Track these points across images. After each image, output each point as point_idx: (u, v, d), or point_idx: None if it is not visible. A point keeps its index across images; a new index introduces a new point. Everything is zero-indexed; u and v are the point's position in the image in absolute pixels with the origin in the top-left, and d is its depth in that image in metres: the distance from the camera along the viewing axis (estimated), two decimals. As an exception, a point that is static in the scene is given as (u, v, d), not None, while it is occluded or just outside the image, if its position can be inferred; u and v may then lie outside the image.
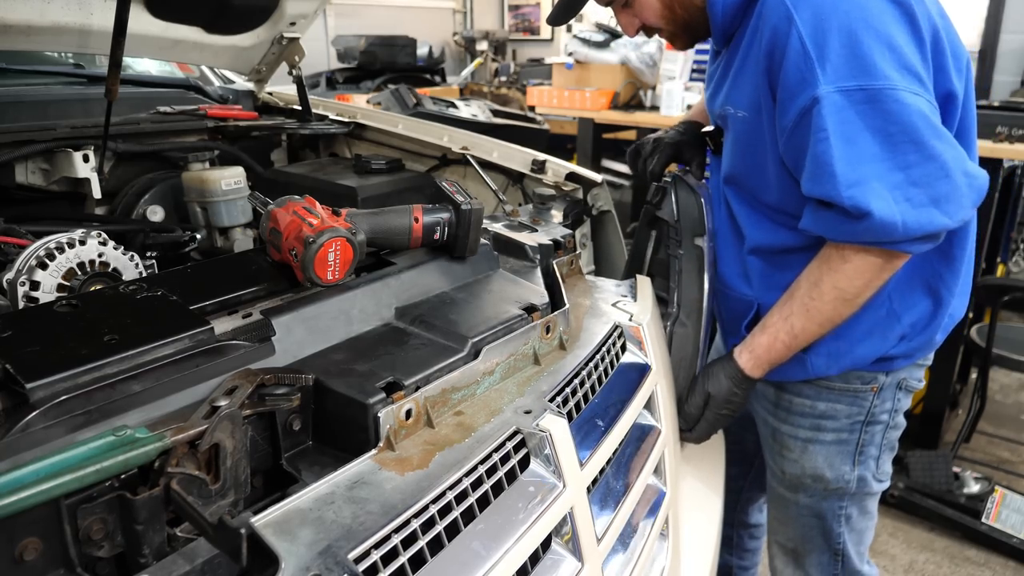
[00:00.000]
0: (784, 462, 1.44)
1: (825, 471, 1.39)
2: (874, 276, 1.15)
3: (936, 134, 1.06)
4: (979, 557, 2.56)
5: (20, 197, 1.48)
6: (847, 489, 1.40)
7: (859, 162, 1.06)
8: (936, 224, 1.06)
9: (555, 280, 1.16)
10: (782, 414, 1.42)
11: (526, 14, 8.05)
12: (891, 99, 1.05)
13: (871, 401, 1.35)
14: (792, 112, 1.11)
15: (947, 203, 1.06)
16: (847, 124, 1.06)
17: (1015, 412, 3.56)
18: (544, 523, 0.77)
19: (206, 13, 1.71)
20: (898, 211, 1.05)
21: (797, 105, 1.10)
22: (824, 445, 1.38)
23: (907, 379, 1.36)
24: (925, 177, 1.05)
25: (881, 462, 1.41)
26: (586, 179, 1.50)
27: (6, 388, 0.67)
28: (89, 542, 0.62)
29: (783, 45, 1.10)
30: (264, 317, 0.85)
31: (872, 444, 1.38)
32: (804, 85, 1.08)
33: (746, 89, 1.21)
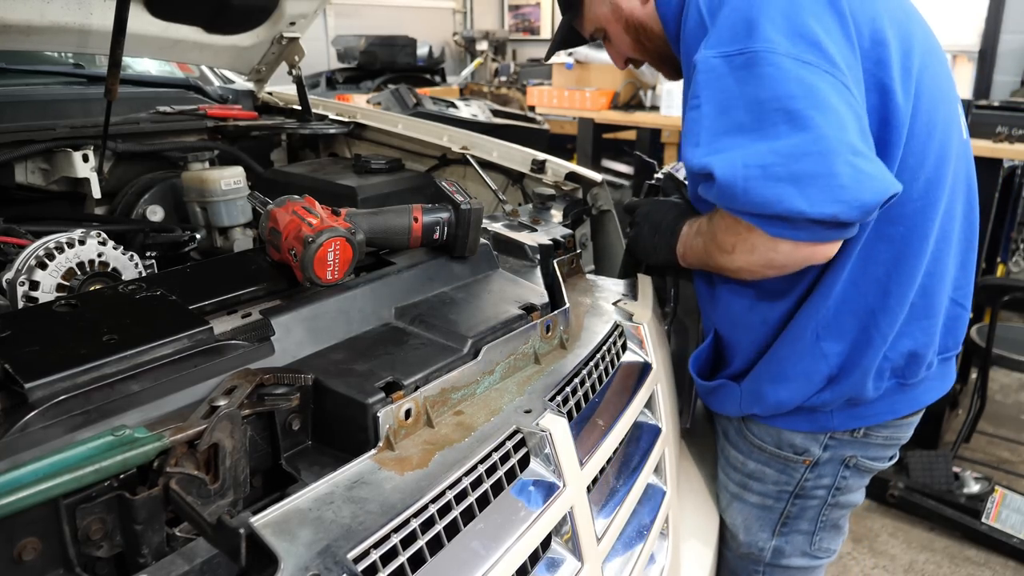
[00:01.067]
0: (718, 507, 1.39)
1: (740, 532, 1.32)
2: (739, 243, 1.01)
3: (820, 107, 0.90)
4: (979, 557, 2.56)
5: (20, 197, 1.48)
6: (760, 557, 1.32)
7: (726, 133, 0.95)
8: (787, 205, 0.89)
9: (555, 279, 1.16)
10: (722, 461, 1.35)
11: (526, 14, 8.05)
12: (767, 63, 0.94)
13: (802, 474, 1.23)
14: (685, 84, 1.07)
15: (811, 186, 0.88)
16: (723, 92, 0.97)
17: (1015, 412, 3.55)
18: (544, 523, 0.77)
19: (206, 13, 1.71)
20: (742, 176, 0.91)
21: (687, 72, 1.05)
22: (746, 505, 1.30)
23: (857, 458, 1.22)
24: (791, 150, 0.90)
25: (817, 539, 1.30)
26: (586, 179, 1.50)
27: (5, 388, 0.67)
28: (88, 542, 0.62)
29: (686, 20, 1.05)
30: (263, 317, 0.85)
31: (802, 519, 1.28)
32: (689, 53, 1.03)
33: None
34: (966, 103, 2.77)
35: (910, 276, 1.09)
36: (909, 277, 1.09)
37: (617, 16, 1.23)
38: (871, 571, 2.54)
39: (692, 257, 1.16)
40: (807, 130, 0.89)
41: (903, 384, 1.17)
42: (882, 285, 1.09)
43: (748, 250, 1.01)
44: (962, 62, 4.74)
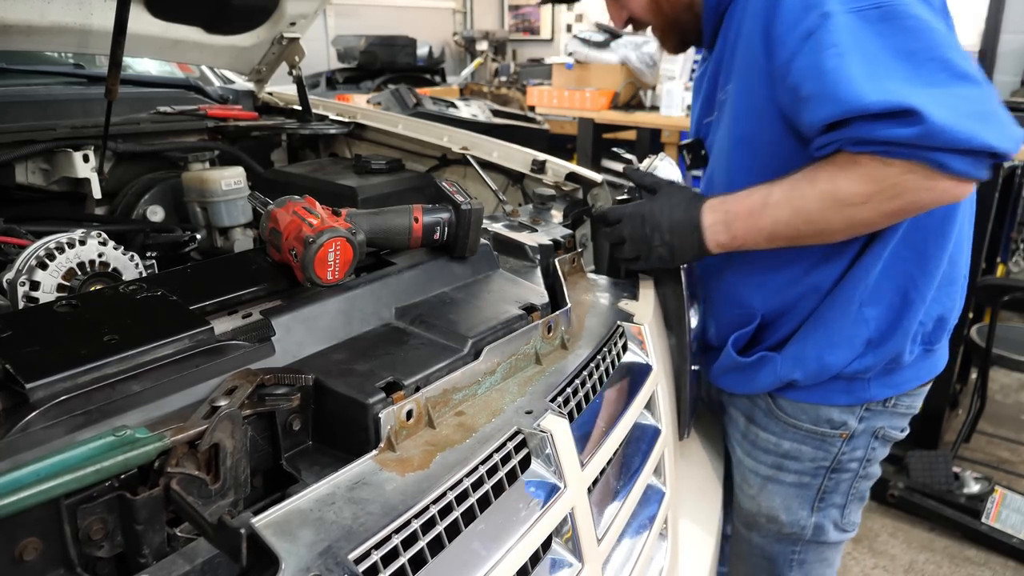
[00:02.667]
0: (742, 497, 1.39)
1: (780, 513, 1.33)
2: (885, 191, 0.97)
3: (962, 55, 0.94)
4: (979, 557, 2.56)
5: (20, 197, 1.48)
6: (801, 535, 1.33)
7: (882, 77, 0.93)
8: (981, 140, 0.89)
9: (556, 279, 1.16)
10: (747, 447, 1.35)
11: (526, 14, 8.05)
12: (909, 15, 0.95)
13: (839, 448, 1.25)
14: (792, 42, 1.00)
15: (991, 123, 0.90)
16: (865, 44, 0.94)
17: (1015, 412, 3.56)
18: (544, 523, 0.77)
19: (206, 13, 1.71)
20: (945, 112, 0.89)
21: (799, 30, 0.99)
22: (782, 486, 1.31)
23: (885, 428, 1.26)
24: (964, 94, 0.92)
25: (847, 512, 1.33)
26: (586, 179, 1.50)
27: (6, 388, 0.67)
28: (89, 542, 0.62)
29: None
30: (264, 317, 0.85)
31: (836, 492, 1.30)
32: (807, 9, 0.98)
33: (741, 58, 1.13)
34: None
35: (946, 242, 1.13)
36: (945, 242, 1.13)
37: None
38: (871, 571, 2.54)
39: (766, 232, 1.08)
40: (965, 77, 0.92)
41: (928, 350, 1.23)
42: (921, 251, 1.13)
43: (891, 195, 0.97)
44: (962, 62, 4.75)
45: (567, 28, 7.69)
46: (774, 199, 1.07)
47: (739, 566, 1.47)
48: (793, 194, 1.05)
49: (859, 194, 0.99)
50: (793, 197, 1.05)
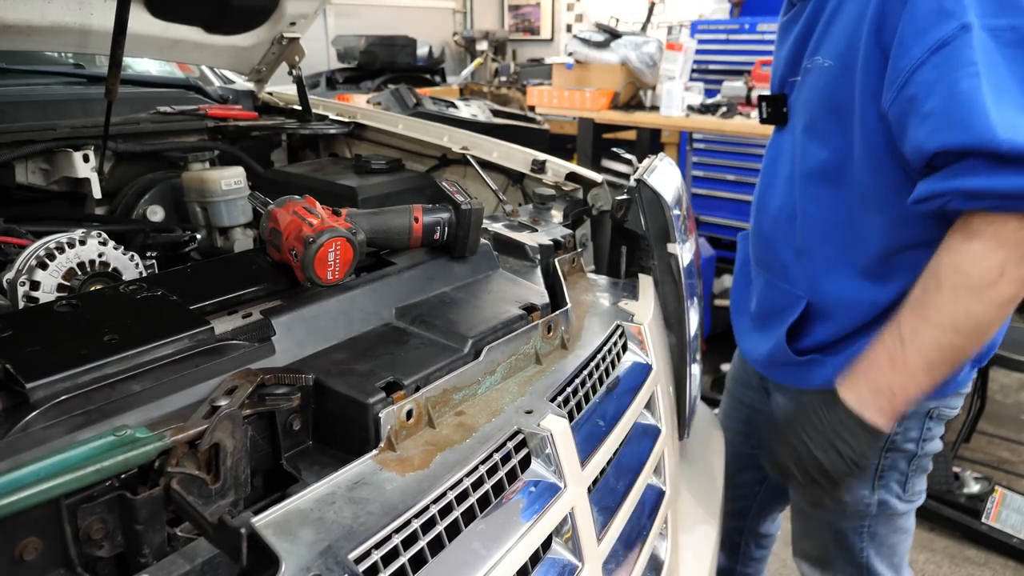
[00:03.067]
0: None
1: (844, 495, 1.27)
2: (1013, 254, 0.90)
3: None
4: (979, 557, 2.56)
5: (20, 197, 1.48)
6: (867, 512, 1.32)
7: (1012, 110, 0.86)
8: None
9: (557, 279, 1.16)
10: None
11: (526, 14, 8.05)
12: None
13: (890, 431, 1.17)
14: (919, 48, 0.91)
15: None
16: (994, 67, 0.88)
17: (1015, 412, 3.55)
18: (545, 523, 0.77)
19: (206, 13, 1.71)
20: None
21: (931, 38, 0.91)
22: None
23: (938, 408, 1.24)
24: None
25: (910, 484, 1.31)
26: (586, 179, 1.50)
27: (6, 388, 0.67)
28: (89, 542, 0.62)
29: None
30: (264, 317, 0.85)
31: (895, 470, 1.28)
32: (943, 16, 0.90)
33: (840, 33, 1.06)
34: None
35: None
36: None
37: None
38: (871, 571, 2.54)
39: (922, 368, 1.00)
40: None
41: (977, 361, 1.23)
42: None
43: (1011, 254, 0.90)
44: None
45: (567, 28, 7.70)
46: (908, 331, 1.00)
47: (810, 540, 1.45)
48: (927, 312, 0.98)
49: (990, 269, 0.91)
50: (928, 315, 0.97)
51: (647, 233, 1.32)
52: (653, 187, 1.30)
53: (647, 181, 1.31)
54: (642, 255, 1.34)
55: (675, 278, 1.31)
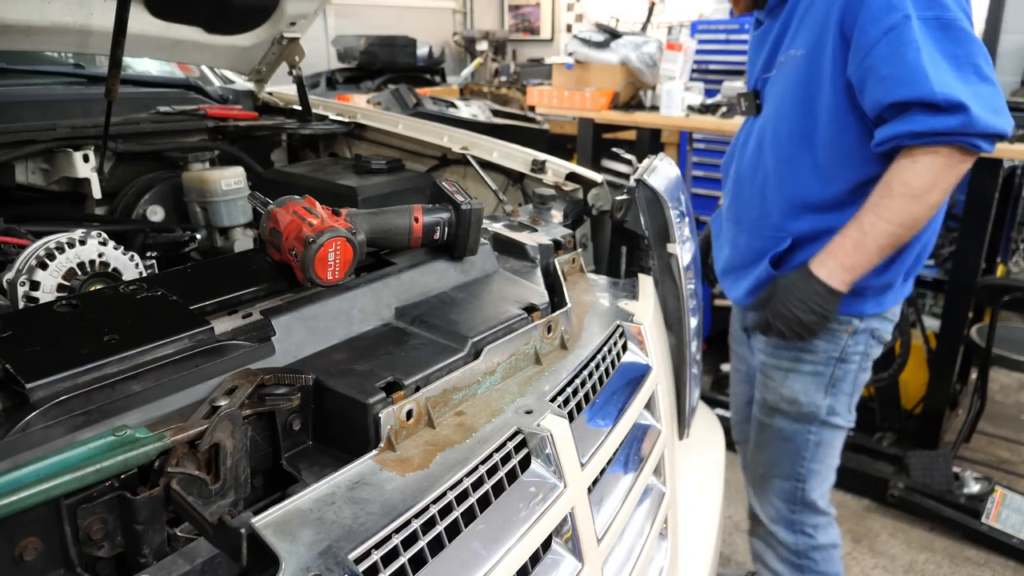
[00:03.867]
0: (766, 390, 1.69)
1: (799, 396, 1.64)
2: (941, 173, 1.33)
3: (988, 62, 1.31)
4: (979, 557, 2.56)
5: (20, 197, 1.48)
6: (817, 414, 1.63)
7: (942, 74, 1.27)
8: (1002, 126, 1.28)
9: (557, 279, 1.15)
10: (770, 348, 1.66)
11: (526, 14, 8.05)
12: (957, 28, 1.29)
13: (845, 341, 1.58)
14: (875, 31, 1.31)
15: (1004, 116, 1.29)
16: (929, 46, 1.28)
17: (1015, 412, 3.56)
18: (545, 523, 0.77)
19: (206, 13, 1.71)
20: (984, 107, 1.27)
21: (883, 24, 1.31)
22: (801, 375, 1.63)
23: (879, 330, 1.60)
24: (986, 94, 1.29)
25: (851, 402, 1.65)
26: (586, 179, 1.50)
27: (6, 388, 0.67)
28: (89, 542, 0.62)
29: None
30: (264, 317, 0.85)
31: (845, 381, 1.62)
32: (891, 10, 1.30)
33: (810, 30, 1.43)
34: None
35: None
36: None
37: None
38: (871, 571, 2.54)
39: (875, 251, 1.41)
40: (988, 79, 1.30)
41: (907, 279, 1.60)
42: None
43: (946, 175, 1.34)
44: (962, 62, 4.74)
45: (567, 28, 7.69)
46: (868, 225, 1.40)
47: (759, 453, 1.76)
48: (881, 212, 1.38)
49: (927, 182, 1.34)
50: (882, 214, 1.38)
51: (647, 233, 1.32)
52: (653, 187, 1.30)
53: (647, 181, 1.31)
54: (642, 255, 1.34)
55: (675, 278, 1.31)
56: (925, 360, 3.15)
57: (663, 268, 1.33)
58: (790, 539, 1.75)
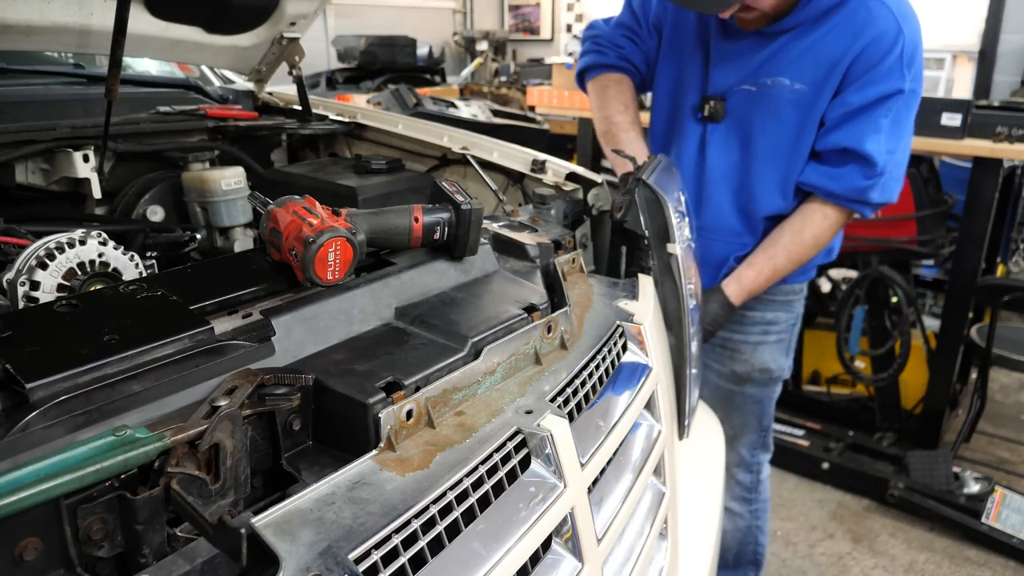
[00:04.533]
0: (736, 364, 1.87)
1: (770, 363, 1.86)
2: (837, 229, 1.68)
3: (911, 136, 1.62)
4: (979, 557, 2.56)
5: (20, 197, 1.48)
6: (780, 375, 1.89)
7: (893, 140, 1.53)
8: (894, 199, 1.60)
9: (557, 279, 1.15)
10: (734, 326, 1.84)
11: (526, 14, 8.05)
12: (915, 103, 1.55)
13: (797, 307, 1.86)
14: (872, 93, 1.51)
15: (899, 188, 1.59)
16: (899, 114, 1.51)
17: (1015, 412, 3.56)
18: (545, 523, 0.77)
19: (206, 13, 1.71)
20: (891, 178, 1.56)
21: (880, 89, 1.50)
22: (769, 345, 1.85)
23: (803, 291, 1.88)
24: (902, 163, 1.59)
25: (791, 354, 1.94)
26: (586, 179, 1.50)
27: (6, 388, 0.67)
28: (89, 542, 0.62)
29: (887, 47, 1.49)
30: (264, 317, 0.85)
31: (793, 339, 1.90)
32: (892, 78, 1.49)
33: (815, 68, 1.55)
34: (966, 103, 2.78)
35: None
36: None
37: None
38: (871, 571, 2.54)
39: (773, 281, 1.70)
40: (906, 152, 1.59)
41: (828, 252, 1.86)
42: None
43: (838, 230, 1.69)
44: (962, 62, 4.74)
45: (567, 28, 7.69)
46: (780, 264, 1.68)
47: (731, 418, 1.91)
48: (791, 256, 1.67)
49: (829, 237, 1.69)
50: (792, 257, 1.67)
51: (647, 233, 1.32)
52: (652, 187, 1.30)
53: (646, 181, 1.31)
54: (641, 255, 1.34)
55: (675, 278, 1.31)
56: (925, 360, 3.15)
57: (663, 268, 1.33)
58: (747, 478, 2.02)
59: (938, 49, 4.75)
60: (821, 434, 3.17)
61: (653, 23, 1.82)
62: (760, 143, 1.65)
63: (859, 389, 3.44)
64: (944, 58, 4.73)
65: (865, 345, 3.26)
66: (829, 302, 3.48)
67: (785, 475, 3.08)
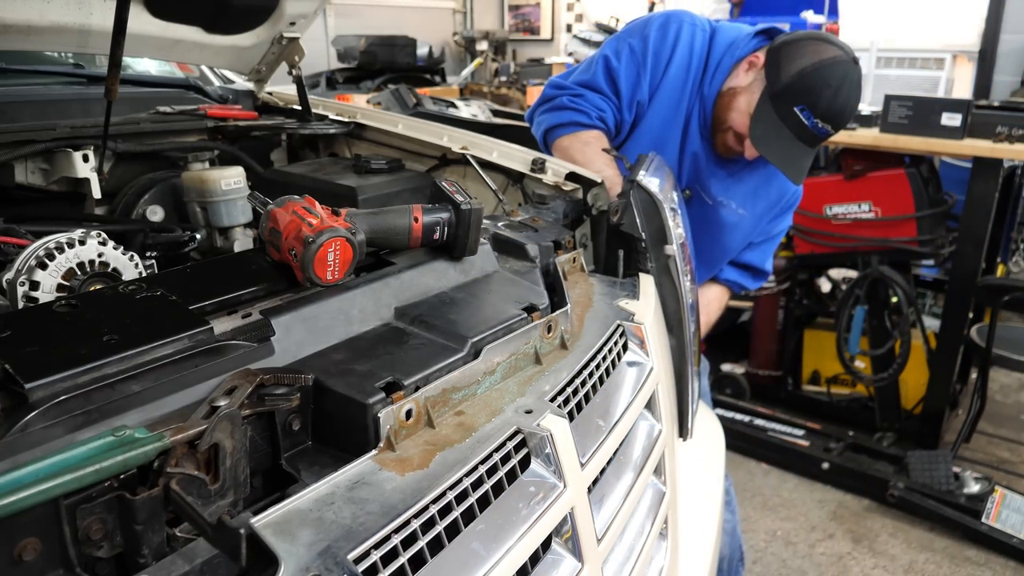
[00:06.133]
0: None
1: None
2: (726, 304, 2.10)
3: None
4: (979, 557, 2.56)
5: (20, 197, 1.48)
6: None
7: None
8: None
9: (557, 279, 1.15)
10: None
11: (526, 14, 8.05)
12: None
13: None
14: (782, 227, 2.00)
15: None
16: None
17: (1015, 412, 3.56)
18: (544, 523, 0.77)
19: (206, 13, 1.70)
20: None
21: (783, 227, 2.01)
22: None
23: None
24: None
25: None
26: (586, 179, 1.50)
27: (6, 388, 0.67)
28: (88, 542, 0.62)
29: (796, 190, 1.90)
30: (264, 317, 0.85)
31: None
32: (787, 222, 2.01)
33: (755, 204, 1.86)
34: (966, 103, 2.78)
35: None
36: None
37: None
38: (871, 571, 2.54)
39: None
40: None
41: None
42: None
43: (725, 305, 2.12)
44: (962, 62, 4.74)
45: (567, 28, 7.69)
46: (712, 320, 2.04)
47: None
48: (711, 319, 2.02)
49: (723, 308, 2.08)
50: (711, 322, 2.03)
51: (643, 236, 1.32)
52: (648, 188, 1.30)
53: (641, 182, 1.31)
54: (639, 257, 1.34)
55: (674, 280, 1.31)
56: (925, 360, 3.15)
57: (661, 270, 1.32)
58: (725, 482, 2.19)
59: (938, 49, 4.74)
60: (821, 434, 3.17)
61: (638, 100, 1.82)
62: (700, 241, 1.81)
63: (859, 389, 3.44)
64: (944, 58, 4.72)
65: (865, 345, 3.26)
66: (829, 302, 3.48)
67: (785, 475, 3.08)
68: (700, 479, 1.45)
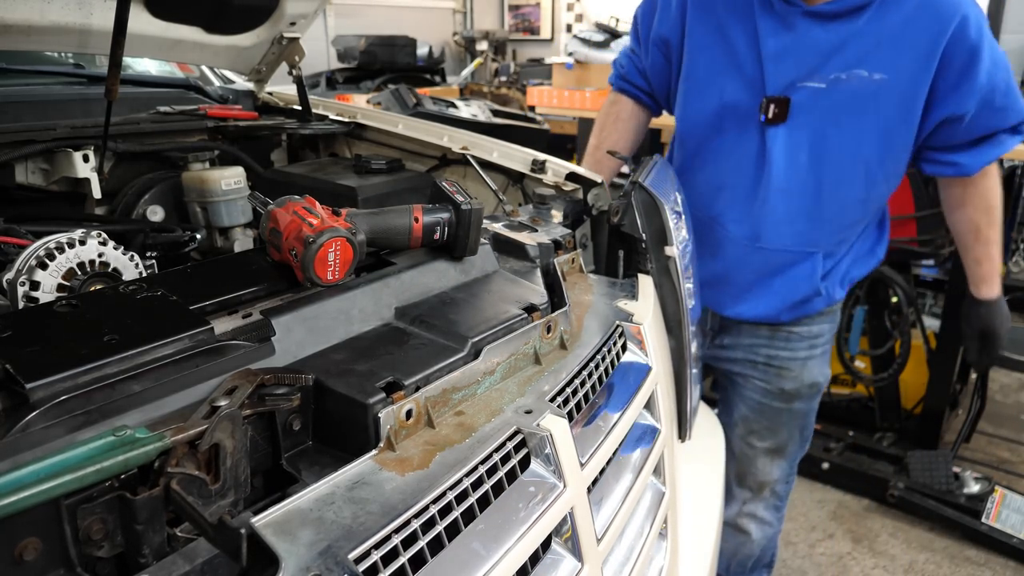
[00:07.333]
0: (783, 381, 1.79)
1: (819, 378, 1.80)
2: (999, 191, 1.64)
3: None
4: (979, 557, 2.56)
5: (20, 197, 1.48)
6: (825, 386, 1.84)
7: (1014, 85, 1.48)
8: None
9: (556, 279, 1.15)
10: (779, 344, 1.77)
11: (526, 14, 8.05)
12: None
13: (838, 316, 1.82)
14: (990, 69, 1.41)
15: None
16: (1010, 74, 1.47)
17: (1015, 412, 3.56)
18: (544, 523, 0.77)
19: (206, 13, 1.71)
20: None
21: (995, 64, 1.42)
22: (816, 359, 1.79)
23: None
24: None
25: None
26: (586, 179, 1.50)
27: (6, 388, 0.67)
28: (89, 542, 0.62)
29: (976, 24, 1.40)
30: (264, 317, 0.85)
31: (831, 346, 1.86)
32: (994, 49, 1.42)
33: (900, 56, 1.41)
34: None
35: None
36: None
37: None
38: (871, 571, 2.54)
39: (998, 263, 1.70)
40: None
41: None
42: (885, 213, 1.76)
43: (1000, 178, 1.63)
44: (962, 62, 4.73)
45: (567, 28, 7.69)
46: (996, 238, 1.65)
47: (781, 431, 1.86)
48: (998, 226, 1.64)
49: (998, 197, 1.63)
50: (998, 226, 1.64)
51: (644, 237, 1.32)
52: (649, 189, 1.30)
53: (643, 183, 1.31)
54: (639, 258, 1.34)
55: (674, 281, 1.31)
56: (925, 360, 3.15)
57: (661, 271, 1.32)
58: (784, 489, 1.97)
59: (938, 49, 4.74)
60: (821, 434, 3.17)
61: (655, 39, 1.72)
62: (836, 143, 1.50)
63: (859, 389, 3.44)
64: (944, 58, 4.72)
65: (865, 345, 3.26)
66: (829, 302, 3.48)
67: (785, 475, 3.08)
68: (700, 479, 1.45)
